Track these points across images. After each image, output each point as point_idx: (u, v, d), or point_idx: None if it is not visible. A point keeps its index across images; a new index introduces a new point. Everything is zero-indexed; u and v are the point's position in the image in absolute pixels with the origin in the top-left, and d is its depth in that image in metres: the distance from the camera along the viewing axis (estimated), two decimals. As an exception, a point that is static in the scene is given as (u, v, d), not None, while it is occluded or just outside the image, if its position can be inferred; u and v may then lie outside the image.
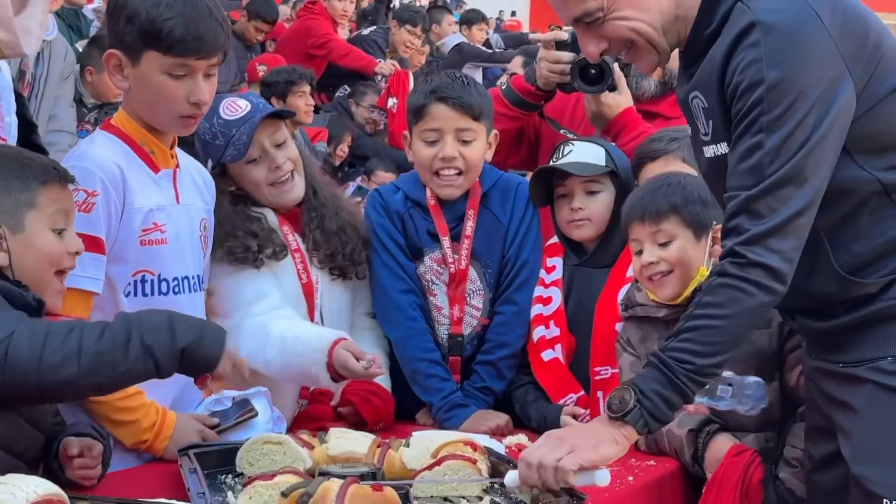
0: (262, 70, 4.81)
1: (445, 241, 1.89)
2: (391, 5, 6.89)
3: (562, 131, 2.05)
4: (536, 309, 1.89)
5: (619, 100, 1.96)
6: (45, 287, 1.32)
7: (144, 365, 1.22)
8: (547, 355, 1.84)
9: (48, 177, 1.32)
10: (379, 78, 5.08)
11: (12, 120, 1.68)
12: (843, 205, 1.24)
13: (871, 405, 1.25)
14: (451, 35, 7.10)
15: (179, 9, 1.49)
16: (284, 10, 6.31)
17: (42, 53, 3.31)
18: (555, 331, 1.84)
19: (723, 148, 1.27)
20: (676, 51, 1.36)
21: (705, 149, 1.33)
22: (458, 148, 1.83)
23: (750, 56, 1.16)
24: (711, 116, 1.27)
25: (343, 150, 4.83)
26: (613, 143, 1.95)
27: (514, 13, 16.17)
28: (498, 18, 11.92)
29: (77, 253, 1.36)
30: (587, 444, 1.23)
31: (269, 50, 5.63)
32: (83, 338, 1.18)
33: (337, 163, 4.81)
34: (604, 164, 1.83)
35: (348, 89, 5.08)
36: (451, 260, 1.89)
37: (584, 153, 1.83)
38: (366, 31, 5.72)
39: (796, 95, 1.14)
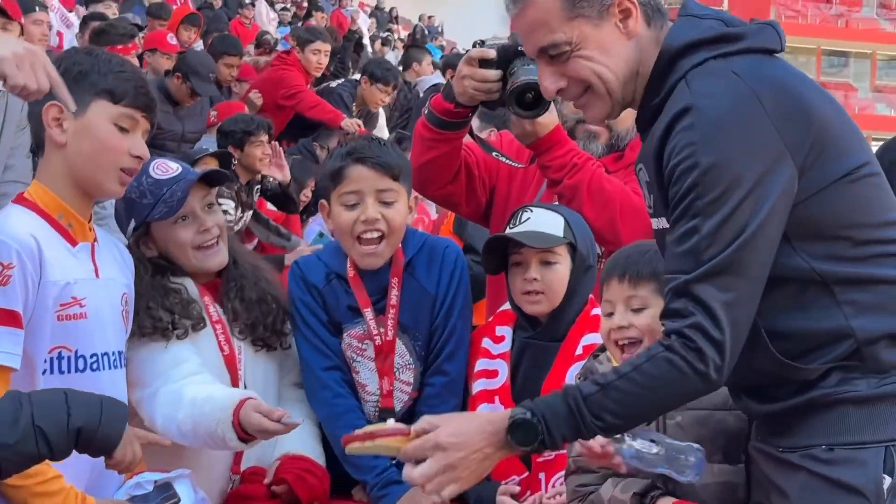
0: (213, 115, 4.79)
1: (368, 314, 1.85)
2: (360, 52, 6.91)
3: (493, 154, 2.00)
4: (480, 384, 1.83)
5: (549, 117, 1.89)
6: None
7: (35, 446, 1.20)
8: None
9: None
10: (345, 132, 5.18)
11: None
12: (779, 291, 1.21)
13: (803, 492, 1.22)
14: (429, 75, 7.14)
15: (129, 68, 1.63)
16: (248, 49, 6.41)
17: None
18: (499, 408, 1.75)
19: (663, 223, 1.26)
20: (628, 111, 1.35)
21: (653, 220, 1.32)
22: (380, 209, 1.80)
23: (685, 139, 1.15)
24: (652, 191, 1.27)
25: (307, 194, 4.79)
26: (575, 212, 1.89)
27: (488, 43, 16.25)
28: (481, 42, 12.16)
29: None
30: (472, 477, 1.22)
31: (235, 92, 5.67)
32: None
33: (301, 207, 4.78)
34: (561, 234, 1.78)
35: (315, 133, 5.23)
36: (375, 332, 1.85)
37: (541, 222, 1.78)
38: (333, 84, 5.82)
39: (731, 180, 1.13)
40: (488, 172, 2.06)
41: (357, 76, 6.11)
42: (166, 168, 1.78)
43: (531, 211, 1.82)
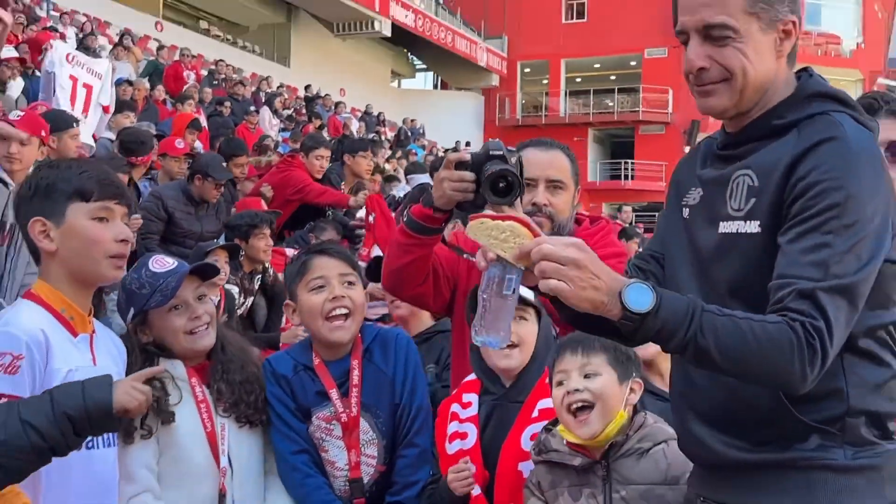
0: (233, 211, 5.51)
1: (334, 394, 2.08)
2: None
3: (465, 255, 2.24)
4: (455, 445, 2.01)
5: (518, 209, 2.15)
6: None
7: (27, 437, 1.41)
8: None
9: None
10: (353, 208, 5.95)
11: None
12: None
13: None
14: (420, 175, 8.08)
15: (90, 166, 1.85)
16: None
17: None
18: (472, 467, 1.96)
19: (751, 227, 1.33)
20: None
21: (722, 223, 1.38)
22: (345, 290, 2.07)
23: (833, 163, 1.25)
24: (757, 196, 1.33)
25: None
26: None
27: (468, 143, 19.13)
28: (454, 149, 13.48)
29: None
30: (576, 291, 1.23)
31: (239, 189, 6.43)
32: None
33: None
34: (532, 297, 1.97)
35: (312, 224, 5.79)
36: (342, 411, 2.08)
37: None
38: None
39: (864, 214, 1.24)
40: (451, 269, 2.29)
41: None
42: (163, 263, 2.03)
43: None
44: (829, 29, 28.17)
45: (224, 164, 5.55)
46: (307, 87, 19.30)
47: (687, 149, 23.56)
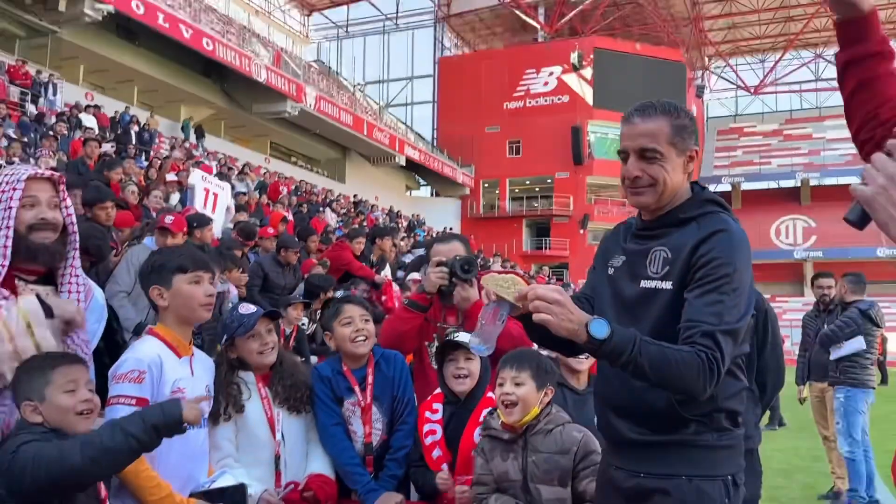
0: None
1: (357, 390, 2.73)
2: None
3: (438, 324, 2.95)
4: (428, 438, 2.67)
5: (475, 292, 2.86)
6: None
7: (128, 444, 1.74)
8: (435, 454, 2.63)
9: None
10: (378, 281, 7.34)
11: (96, 330, 2.30)
12: None
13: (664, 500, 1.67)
14: (420, 250, 11.28)
15: (186, 249, 2.45)
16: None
17: None
18: (439, 451, 2.63)
19: (666, 285, 1.70)
20: None
21: (643, 281, 1.74)
22: (364, 325, 2.74)
23: (722, 246, 1.65)
24: (670, 265, 1.70)
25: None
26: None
27: (451, 228, 24.13)
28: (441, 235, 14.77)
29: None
30: (559, 321, 1.57)
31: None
32: (89, 440, 1.74)
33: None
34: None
35: (352, 281, 7.06)
36: (360, 399, 2.74)
37: (465, 337, 2.60)
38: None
39: (742, 282, 1.65)
40: (425, 328, 2.99)
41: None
42: (247, 308, 2.62)
43: (458, 333, 2.72)
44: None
45: (297, 241, 7.31)
46: (355, 196, 26.11)
47: (582, 231, 27.40)
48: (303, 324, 5.98)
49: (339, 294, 5.91)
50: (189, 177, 8.94)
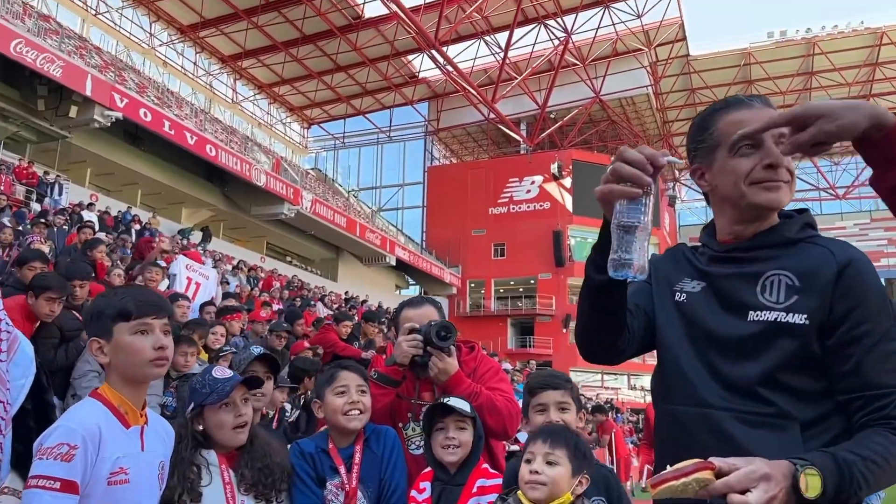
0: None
1: (342, 469, 2.32)
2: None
3: (413, 401, 2.57)
4: None
5: (454, 363, 2.46)
6: None
7: None
8: None
9: None
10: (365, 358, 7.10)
11: (22, 385, 1.96)
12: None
13: None
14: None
15: (128, 290, 1.90)
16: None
17: None
18: None
19: (797, 318, 1.28)
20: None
21: (755, 313, 1.32)
22: (360, 396, 2.34)
23: (874, 279, 1.29)
24: (799, 294, 1.29)
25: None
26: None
27: None
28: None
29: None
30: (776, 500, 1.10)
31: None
32: None
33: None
34: (469, 409, 2.32)
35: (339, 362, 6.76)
36: (346, 482, 2.30)
37: (456, 402, 2.33)
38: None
39: None
40: (397, 407, 2.61)
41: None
42: (223, 372, 2.18)
43: (450, 398, 2.36)
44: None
45: (284, 325, 7.07)
46: (346, 293, 25.17)
47: (564, 330, 27.31)
48: (286, 411, 5.46)
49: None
50: (172, 264, 8.77)
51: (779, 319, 1.30)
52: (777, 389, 1.28)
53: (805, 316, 1.29)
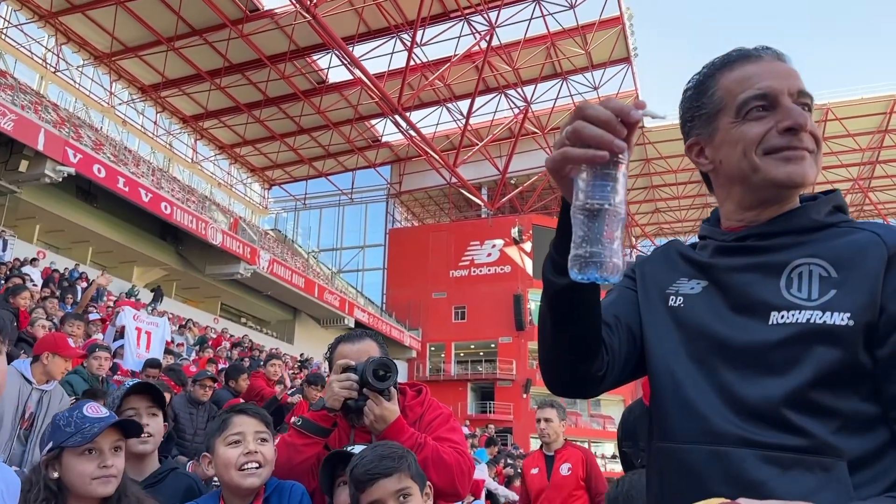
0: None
1: None
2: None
3: (347, 448, 2.17)
4: None
5: (394, 408, 2.05)
6: None
7: None
8: None
9: None
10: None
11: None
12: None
13: None
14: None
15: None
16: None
17: (42, 398, 3.82)
18: None
19: (838, 318, 0.97)
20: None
21: (775, 313, 1.01)
22: (258, 446, 1.98)
23: None
24: (837, 288, 0.99)
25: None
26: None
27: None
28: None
29: None
30: None
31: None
32: None
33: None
34: None
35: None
36: None
37: (360, 449, 1.94)
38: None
39: None
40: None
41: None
42: (97, 410, 1.87)
43: (354, 447, 1.97)
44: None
45: (208, 373, 6.44)
46: (301, 355, 24.85)
47: (525, 395, 27.03)
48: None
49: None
50: (118, 317, 8.36)
51: (812, 320, 0.99)
52: (812, 413, 0.96)
53: (848, 315, 0.98)
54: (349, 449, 1.93)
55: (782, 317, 1.02)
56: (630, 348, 1.18)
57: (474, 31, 29.74)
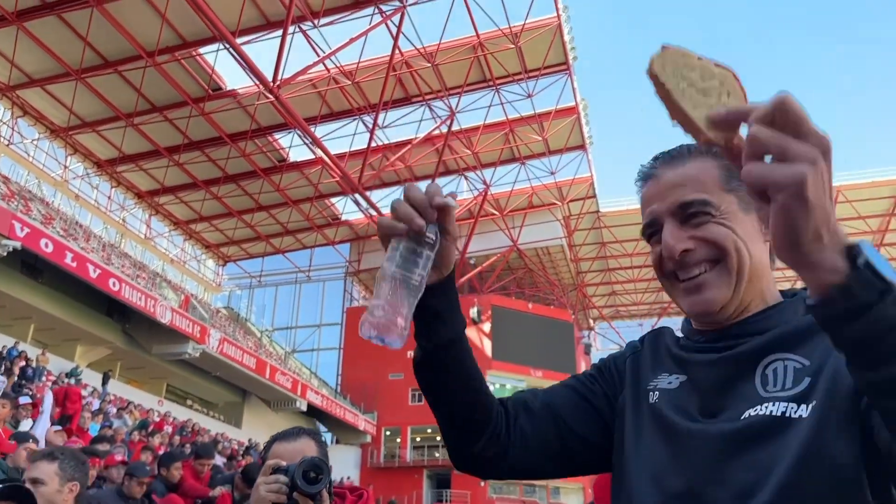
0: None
1: None
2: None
3: None
4: None
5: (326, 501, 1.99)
6: None
7: None
8: None
9: None
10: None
11: None
12: None
13: None
14: None
15: None
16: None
17: None
18: None
19: (802, 411, 0.90)
20: None
21: (752, 409, 0.94)
22: None
23: None
24: (809, 375, 0.93)
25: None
26: None
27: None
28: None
29: None
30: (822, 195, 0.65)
31: None
32: None
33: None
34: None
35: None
36: None
37: None
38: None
39: None
40: None
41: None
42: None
43: None
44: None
45: (147, 469, 5.80)
46: (249, 440, 23.36)
47: (482, 484, 27.20)
48: None
49: None
50: (45, 402, 8.19)
51: (783, 413, 0.93)
52: (797, 500, 0.88)
53: (811, 406, 0.91)
54: None
55: (751, 410, 0.95)
56: (551, 439, 1.14)
57: (435, 115, 30.79)
